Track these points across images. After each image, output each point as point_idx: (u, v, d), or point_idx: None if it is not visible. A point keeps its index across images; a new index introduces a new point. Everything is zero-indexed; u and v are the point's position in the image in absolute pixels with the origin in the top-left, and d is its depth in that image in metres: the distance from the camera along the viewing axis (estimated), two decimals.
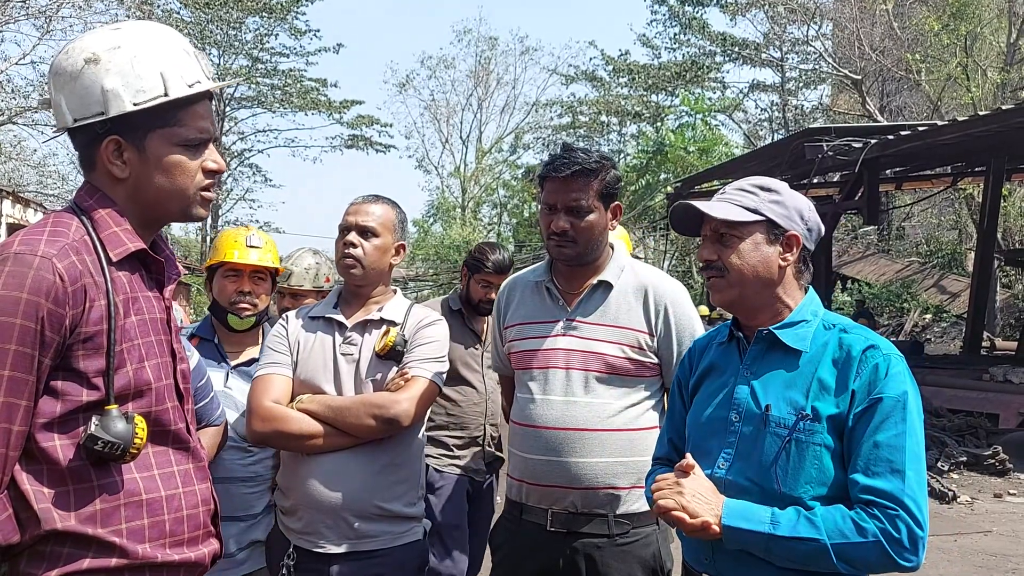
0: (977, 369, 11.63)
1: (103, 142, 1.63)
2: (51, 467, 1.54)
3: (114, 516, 1.58)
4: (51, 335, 1.51)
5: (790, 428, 1.82)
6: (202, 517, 1.73)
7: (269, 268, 2.99)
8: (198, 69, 1.68)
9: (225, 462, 2.76)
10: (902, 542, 1.71)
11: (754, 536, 1.76)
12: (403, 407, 2.47)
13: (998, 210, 14.56)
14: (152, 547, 1.61)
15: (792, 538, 1.74)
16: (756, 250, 1.90)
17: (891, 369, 1.81)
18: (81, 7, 19.40)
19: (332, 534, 2.49)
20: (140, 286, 1.68)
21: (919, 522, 1.73)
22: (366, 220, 2.60)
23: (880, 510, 1.72)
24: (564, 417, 2.45)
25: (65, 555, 1.54)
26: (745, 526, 1.77)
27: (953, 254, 26.15)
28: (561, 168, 2.46)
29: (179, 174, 1.67)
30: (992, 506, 7.67)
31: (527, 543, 2.51)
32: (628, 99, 32.74)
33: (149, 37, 1.66)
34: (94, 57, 1.60)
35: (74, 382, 1.55)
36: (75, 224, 1.62)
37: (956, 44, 21.50)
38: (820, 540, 1.72)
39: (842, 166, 11.73)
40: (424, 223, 35.20)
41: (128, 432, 1.55)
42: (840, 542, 1.72)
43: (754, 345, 1.95)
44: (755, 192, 1.94)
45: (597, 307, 2.52)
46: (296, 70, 33.97)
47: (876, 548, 1.71)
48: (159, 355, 1.68)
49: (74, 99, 1.62)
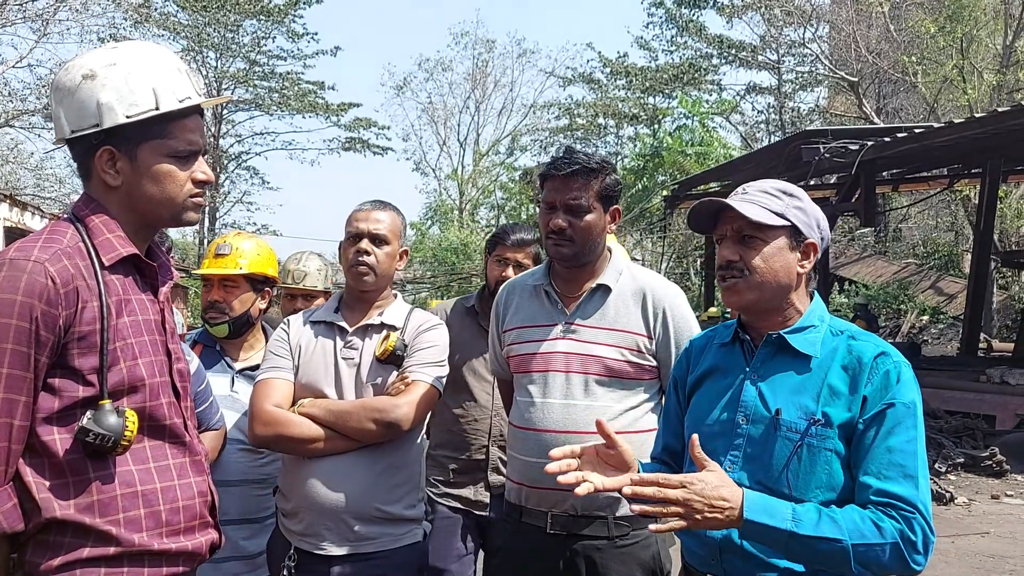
0: (974, 370, 11.64)
1: (97, 152, 1.74)
2: (51, 460, 1.65)
3: (111, 506, 1.68)
4: (46, 334, 1.62)
5: (802, 433, 1.83)
6: (198, 508, 1.83)
7: (242, 275, 2.95)
8: (189, 86, 1.79)
9: (236, 465, 2.78)
10: (917, 545, 1.73)
11: (775, 532, 1.73)
12: (403, 411, 2.49)
13: (994, 212, 14.58)
14: (149, 536, 1.71)
15: (814, 537, 1.72)
16: (779, 255, 1.90)
17: (902, 376, 1.83)
18: (78, 11, 19.40)
19: (333, 536, 2.51)
20: (134, 289, 1.78)
21: (931, 527, 1.75)
22: (377, 228, 2.62)
23: (897, 512, 1.74)
24: (564, 420, 2.46)
25: (67, 544, 1.65)
26: (768, 521, 1.73)
27: (950, 256, 26.18)
28: (562, 167, 2.48)
29: (169, 183, 1.78)
30: (989, 507, 7.68)
31: (526, 546, 2.52)
32: (625, 101, 32.75)
33: (143, 56, 1.78)
34: (91, 73, 1.73)
35: (70, 379, 1.66)
36: (70, 232, 1.73)
37: (952, 46, 21.54)
38: (843, 541, 1.72)
39: (839, 168, 11.75)
40: (422, 225, 35.16)
41: (119, 425, 1.65)
42: (860, 543, 1.72)
43: (763, 348, 1.95)
44: (779, 196, 1.93)
45: (596, 310, 2.54)
46: (293, 73, 33.97)
47: (893, 550, 1.72)
48: (153, 354, 1.77)
49: (72, 112, 1.74)
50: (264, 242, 3.12)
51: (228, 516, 2.77)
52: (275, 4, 32.11)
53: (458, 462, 3.27)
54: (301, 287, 3.73)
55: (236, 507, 2.79)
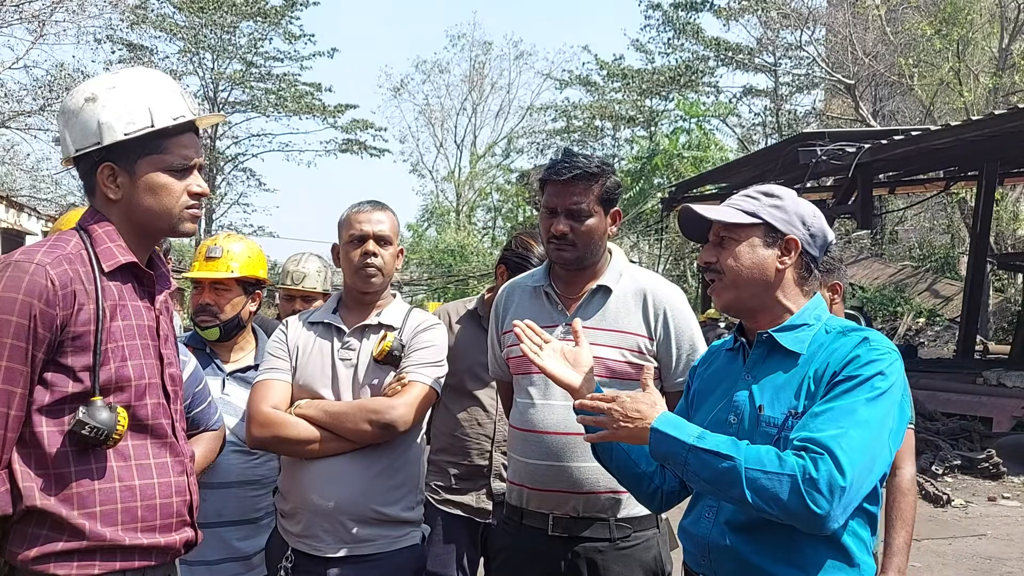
0: (970, 373, 11.64)
1: (99, 168, 1.89)
2: (37, 451, 1.77)
3: (89, 499, 1.79)
4: (43, 332, 1.75)
5: (779, 427, 1.84)
6: (176, 507, 1.92)
7: (233, 279, 2.90)
8: (183, 105, 1.93)
9: (230, 466, 2.76)
10: (818, 483, 1.66)
11: (676, 444, 1.79)
12: (399, 412, 2.48)
13: (991, 214, 14.59)
14: (122, 530, 1.81)
15: (709, 451, 1.75)
16: (752, 252, 1.93)
17: (872, 355, 1.80)
18: (75, 12, 19.38)
19: (330, 538, 2.50)
20: (131, 295, 1.90)
21: (843, 471, 1.66)
22: (381, 229, 2.61)
23: (807, 453, 1.70)
24: (565, 422, 2.44)
25: (43, 536, 1.76)
26: (672, 432, 1.80)
27: (946, 258, 26.21)
28: (563, 172, 2.47)
29: (165, 195, 1.91)
30: (986, 509, 7.69)
31: (527, 548, 2.51)
32: (622, 104, 32.78)
33: (141, 79, 1.94)
34: (93, 96, 1.89)
35: (62, 375, 1.78)
36: (75, 239, 1.87)
37: (949, 49, 21.59)
38: (736, 460, 1.71)
39: (835, 170, 11.76)
40: (419, 227, 35.14)
41: (111, 420, 1.77)
42: (755, 467, 1.70)
43: (755, 349, 1.97)
44: (757, 197, 1.97)
45: (596, 312, 2.53)
46: (290, 74, 33.93)
47: (789, 483, 1.67)
48: (143, 357, 1.88)
49: (76, 132, 1.90)
50: (254, 243, 3.08)
51: (223, 517, 2.77)
52: (272, 6, 32.08)
53: (460, 467, 3.16)
54: (300, 288, 3.73)
55: (231, 508, 2.78)
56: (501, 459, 3.07)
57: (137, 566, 1.84)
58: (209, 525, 2.70)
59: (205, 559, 2.69)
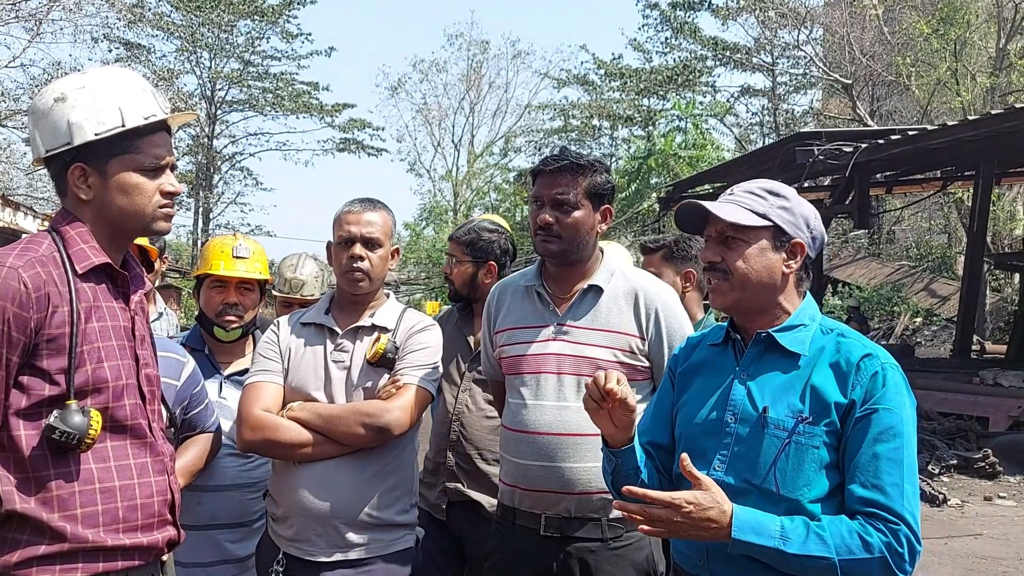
0: (967, 372, 11.66)
1: (70, 168, 1.86)
2: (15, 455, 1.75)
3: (70, 501, 1.78)
4: (17, 335, 1.73)
5: (789, 431, 1.83)
6: (157, 507, 1.91)
7: (256, 280, 2.93)
8: (154, 104, 1.91)
9: (225, 469, 2.75)
10: (903, 556, 1.74)
11: (764, 550, 1.76)
12: (394, 415, 2.45)
13: (987, 214, 14.61)
14: (104, 532, 1.80)
15: (802, 556, 1.74)
16: (761, 256, 1.90)
17: (888, 379, 1.83)
18: (71, 10, 19.35)
19: (322, 542, 2.47)
20: (105, 296, 1.88)
21: (918, 536, 1.76)
22: (370, 231, 2.56)
23: (884, 524, 1.74)
24: (557, 422, 2.44)
25: (24, 541, 1.75)
26: (755, 540, 1.75)
27: (943, 258, 26.25)
28: (550, 163, 2.50)
29: (137, 195, 1.89)
30: (982, 509, 7.69)
31: (520, 548, 2.50)
32: (620, 103, 32.77)
33: (111, 78, 1.91)
34: (62, 96, 1.87)
35: (38, 378, 1.76)
36: (47, 242, 1.84)
37: (946, 49, 21.61)
38: (831, 558, 1.73)
39: (833, 170, 11.77)
40: (416, 227, 35.10)
41: (83, 424, 1.75)
42: (847, 558, 1.73)
43: (751, 348, 1.95)
44: (764, 196, 1.93)
45: (588, 311, 2.52)
46: (288, 73, 33.95)
47: (880, 563, 1.73)
48: (119, 358, 1.87)
49: (46, 133, 1.87)
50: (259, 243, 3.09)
51: (217, 520, 2.75)
52: (269, 4, 32.07)
53: (427, 462, 3.19)
54: (299, 296, 3.68)
55: (225, 511, 2.77)
56: (453, 459, 3.07)
57: (120, 567, 1.83)
58: (204, 528, 2.70)
59: (200, 561, 2.68)
